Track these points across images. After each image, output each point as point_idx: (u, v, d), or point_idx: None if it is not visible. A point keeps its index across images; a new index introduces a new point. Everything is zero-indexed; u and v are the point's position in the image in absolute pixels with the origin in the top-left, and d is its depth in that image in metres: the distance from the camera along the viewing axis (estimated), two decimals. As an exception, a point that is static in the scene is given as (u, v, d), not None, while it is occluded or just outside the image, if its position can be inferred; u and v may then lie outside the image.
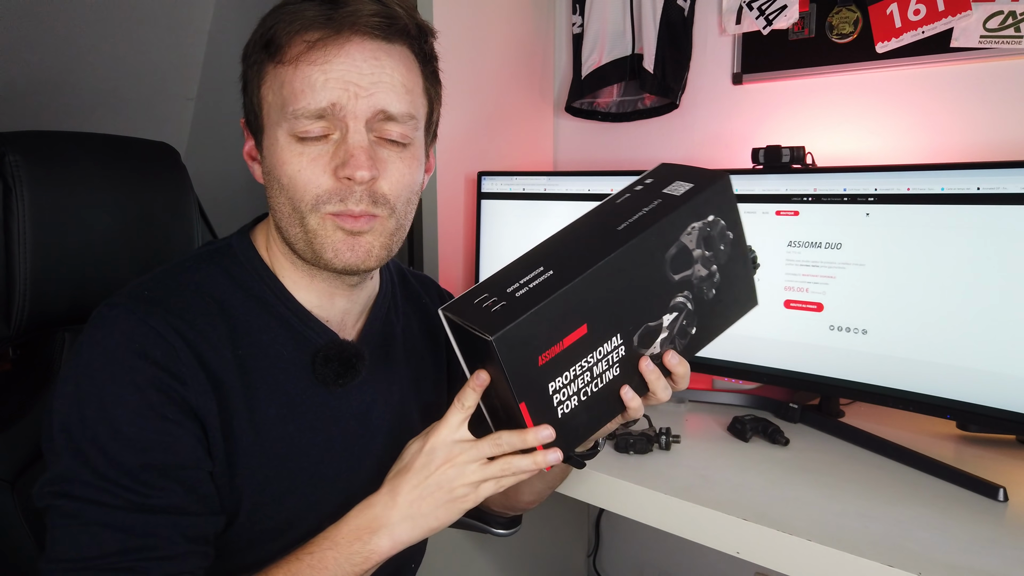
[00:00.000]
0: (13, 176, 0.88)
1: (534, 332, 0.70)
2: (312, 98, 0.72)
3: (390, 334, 0.91)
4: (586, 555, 2.02)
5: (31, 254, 0.89)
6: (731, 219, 0.80)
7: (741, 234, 0.81)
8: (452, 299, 0.74)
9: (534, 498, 1.02)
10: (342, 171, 0.73)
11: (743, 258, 0.82)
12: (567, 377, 0.73)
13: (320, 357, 0.81)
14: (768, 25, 1.56)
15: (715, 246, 0.79)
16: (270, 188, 0.78)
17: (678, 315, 0.78)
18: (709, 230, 0.78)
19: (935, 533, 0.91)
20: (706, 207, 0.77)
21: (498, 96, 1.79)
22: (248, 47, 0.78)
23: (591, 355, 0.74)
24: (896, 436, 1.21)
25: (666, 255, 0.76)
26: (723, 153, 1.67)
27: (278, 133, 0.75)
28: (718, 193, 0.78)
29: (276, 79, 0.75)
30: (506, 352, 0.68)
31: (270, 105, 0.76)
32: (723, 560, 1.08)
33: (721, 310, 0.82)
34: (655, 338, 0.78)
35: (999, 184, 1.08)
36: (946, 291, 1.13)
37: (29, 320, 0.90)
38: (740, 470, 1.11)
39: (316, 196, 0.74)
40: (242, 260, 0.81)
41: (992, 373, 1.08)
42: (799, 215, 1.28)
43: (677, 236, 0.76)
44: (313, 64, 0.72)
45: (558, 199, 1.57)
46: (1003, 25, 1.31)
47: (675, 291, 0.77)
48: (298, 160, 0.74)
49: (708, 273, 0.79)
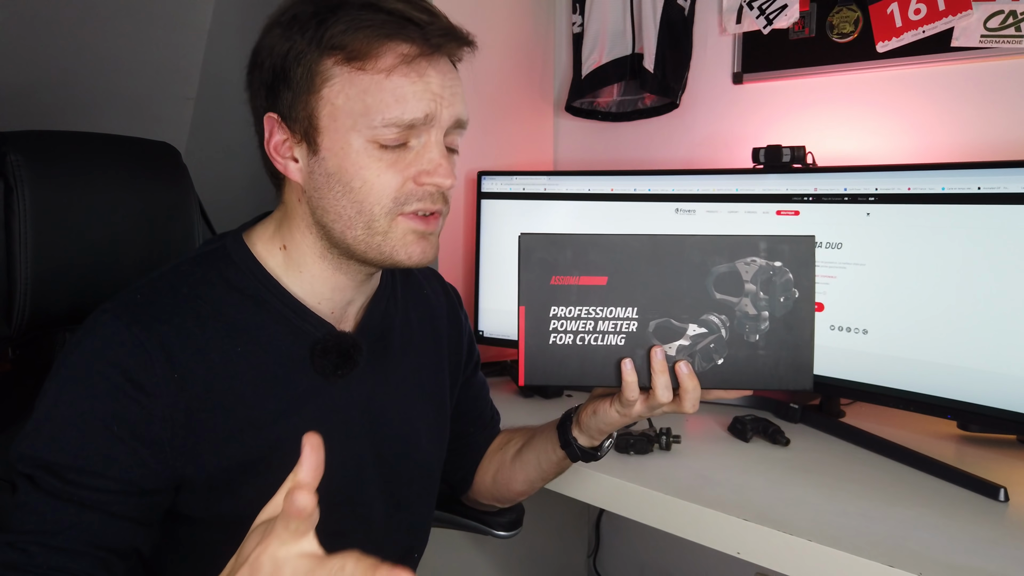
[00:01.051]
0: (15, 175, 0.87)
1: (556, 252, 0.78)
2: (405, 109, 0.74)
3: (389, 325, 0.92)
4: (586, 555, 2.02)
5: (32, 254, 0.89)
6: (801, 280, 0.78)
7: (808, 302, 0.78)
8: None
9: (526, 488, 1.02)
10: (426, 178, 0.76)
11: (802, 327, 0.78)
12: (571, 312, 0.79)
13: (318, 349, 0.81)
14: (768, 24, 1.56)
15: (773, 293, 0.78)
16: (328, 189, 0.77)
17: (706, 333, 0.78)
18: (771, 274, 0.77)
19: (936, 533, 0.91)
20: (778, 252, 0.78)
21: (498, 95, 1.79)
22: (300, 45, 0.75)
23: (601, 309, 0.78)
24: (897, 436, 1.21)
25: (714, 268, 0.77)
26: (723, 153, 1.67)
27: (352, 138, 0.75)
28: (796, 247, 0.78)
29: (354, 85, 0.74)
30: (525, 253, 0.79)
31: (339, 109, 0.75)
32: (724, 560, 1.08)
33: (759, 364, 0.79)
34: (673, 340, 0.78)
35: (1000, 184, 1.08)
36: (947, 291, 1.13)
37: (30, 320, 0.90)
38: (741, 470, 1.11)
39: (394, 199, 0.76)
40: (236, 260, 0.82)
41: (993, 373, 1.08)
42: (800, 215, 1.28)
43: (734, 258, 0.77)
44: (406, 76, 0.74)
45: (558, 199, 1.57)
46: (1004, 25, 1.30)
47: (711, 308, 0.78)
48: (377, 165, 0.75)
49: (756, 315, 0.78)
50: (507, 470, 1.03)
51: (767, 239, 0.78)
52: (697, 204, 1.39)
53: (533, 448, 0.98)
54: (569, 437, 0.91)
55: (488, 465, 1.07)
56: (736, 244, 0.78)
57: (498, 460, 1.05)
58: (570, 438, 0.91)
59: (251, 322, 0.79)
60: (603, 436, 0.91)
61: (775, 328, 0.78)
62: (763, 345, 0.78)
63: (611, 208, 1.50)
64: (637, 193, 1.47)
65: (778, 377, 0.79)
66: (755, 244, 0.78)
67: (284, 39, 0.75)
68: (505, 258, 1.63)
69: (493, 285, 1.64)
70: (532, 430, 1.01)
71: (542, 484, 1.02)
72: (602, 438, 0.91)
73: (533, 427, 1.02)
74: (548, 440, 0.94)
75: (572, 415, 0.92)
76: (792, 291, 0.78)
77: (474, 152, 1.72)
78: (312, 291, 0.83)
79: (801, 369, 0.79)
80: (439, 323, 1.00)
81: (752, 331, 0.78)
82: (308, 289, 0.83)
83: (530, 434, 1.00)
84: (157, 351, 0.73)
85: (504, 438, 1.08)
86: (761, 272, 0.77)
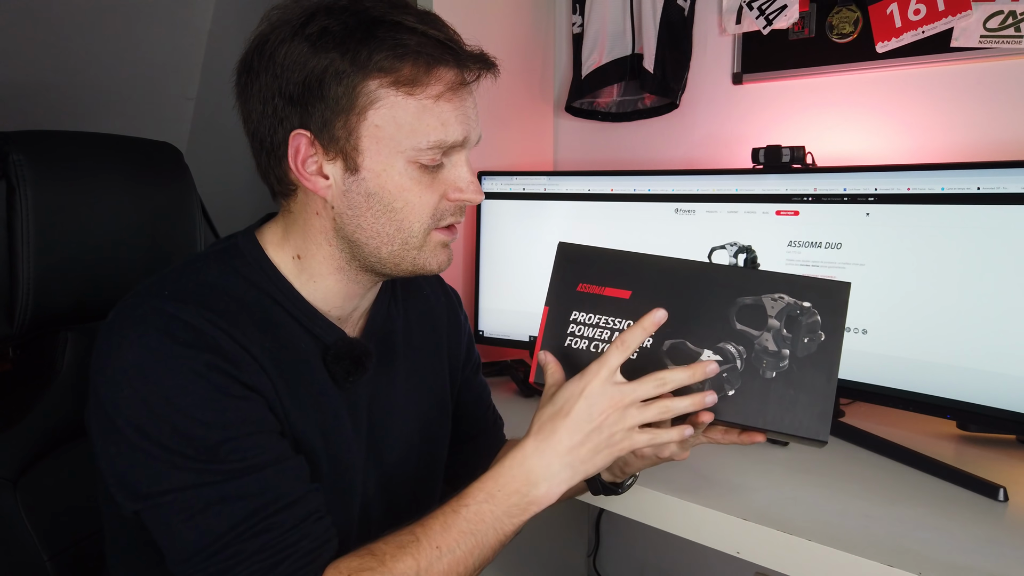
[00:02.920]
0: (17, 175, 0.88)
1: (587, 264, 0.83)
2: (448, 133, 0.77)
3: (391, 328, 0.93)
4: (586, 555, 2.02)
5: (34, 253, 0.89)
6: (830, 324, 0.76)
7: (834, 348, 0.76)
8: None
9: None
10: (459, 195, 0.81)
11: (824, 373, 0.76)
12: (590, 319, 0.81)
13: (331, 355, 0.82)
14: (768, 25, 1.56)
15: (797, 333, 0.76)
16: (366, 208, 0.78)
17: (721, 362, 0.77)
18: (798, 313, 0.77)
19: (935, 533, 0.91)
20: (807, 292, 0.77)
21: (498, 96, 1.79)
22: (338, 63, 0.73)
23: (619, 320, 0.80)
24: (896, 436, 1.21)
25: (738, 298, 0.78)
26: (723, 153, 1.67)
27: (396, 160, 0.76)
28: (827, 291, 0.77)
29: (401, 108, 0.75)
30: (560, 258, 0.84)
31: (384, 130, 0.75)
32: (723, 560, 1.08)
33: (772, 402, 0.77)
34: (684, 362, 0.78)
35: (999, 184, 1.08)
36: (946, 291, 1.13)
37: (32, 319, 0.90)
38: (740, 470, 1.11)
39: (432, 216, 0.80)
40: (250, 260, 0.82)
41: (992, 373, 1.08)
42: (799, 215, 1.28)
43: (760, 292, 0.77)
44: (449, 102, 0.77)
45: (558, 199, 1.57)
46: (1003, 25, 1.31)
47: (729, 337, 0.77)
48: (418, 186, 0.78)
49: (776, 351, 0.77)
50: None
51: (800, 278, 0.77)
52: (697, 204, 1.39)
53: None
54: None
55: None
56: (765, 279, 0.78)
57: None
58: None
59: (272, 319, 0.80)
60: (624, 475, 0.92)
61: (795, 369, 0.76)
62: (779, 384, 0.76)
63: (611, 208, 1.50)
64: (637, 193, 1.47)
65: (792, 421, 0.76)
66: (787, 281, 0.77)
67: (316, 54, 0.73)
68: (505, 258, 1.63)
69: (493, 285, 1.64)
70: None
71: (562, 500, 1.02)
72: (624, 477, 0.92)
73: None
74: None
75: None
76: (818, 334, 0.76)
77: (474, 152, 1.71)
78: (324, 299, 0.84)
79: (818, 417, 0.75)
80: (439, 324, 1.01)
81: (770, 368, 0.76)
82: (320, 297, 0.83)
83: None
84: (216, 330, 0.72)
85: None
86: (788, 309, 0.76)
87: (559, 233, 1.56)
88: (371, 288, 0.87)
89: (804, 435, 0.76)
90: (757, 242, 1.31)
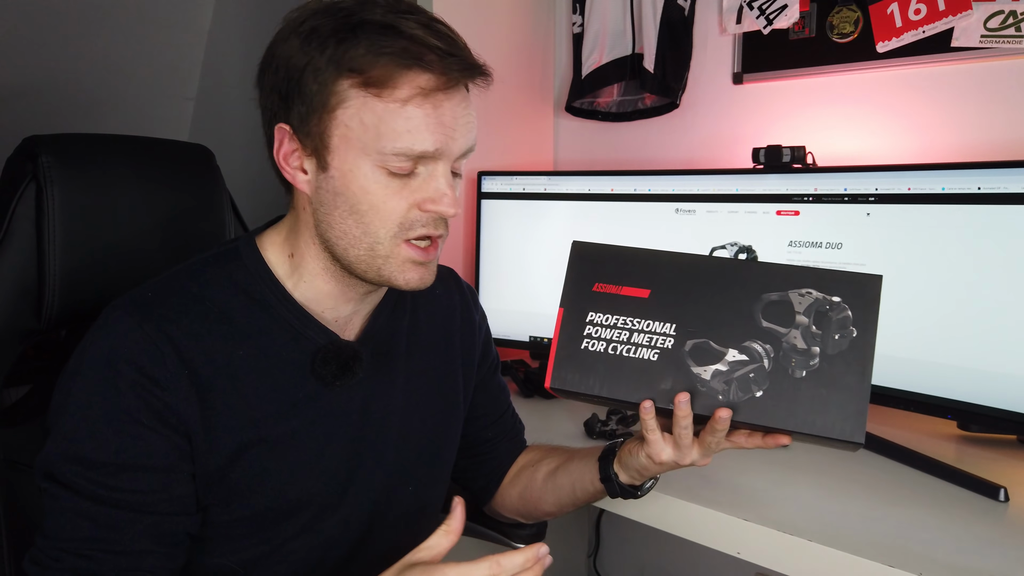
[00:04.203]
0: (45, 176, 0.90)
1: (603, 262, 0.79)
2: (416, 141, 0.74)
3: (394, 331, 0.92)
4: (586, 555, 2.02)
5: (61, 252, 0.91)
6: (862, 319, 0.72)
7: (867, 344, 0.72)
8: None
9: (556, 510, 1.01)
10: (431, 206, 0.76)
11: (858, 371, 0.72)
12: (607, 320, 0.78)
13: (319, 358, 0.82)
14: (768, 25, 1.56)
15: (828, 329, 0.72)
16: (334, 207, 0.77)
17: (747, 361, 0.74)
18: (828, 308, 0.73)
19: (936, 533, 0.91)
20: (836, 286, 0.73)
21: (498, 96, 1.77)
22: (316, 61, 0.74)
23: (638, 321, 0.77)
24: (897, 436, 1.21)
25: (763, 294, 0.74)
26: (723, 153, 1.67)
27: (362, 162, 0.75)
28: (858, 285, 0.73)
29: (369, 110, 0.74)
30: (575, 258, 0.81)
31: (352, 131, 0.74)
32: (723, 561, 1.07)
33: (803, 403, 0.72)
34: (709, 363, 0.75)
35: (1000, 184, 1.08)
36: (947, 291, 1.12)
37: (59, 316, 0.93)
38: (741, 470, 1.10)
39: (399, 225, 0.77)
40: (247, 264, 0.83)
41: (993, 373, 1.08)
42: (800, 215, 1.27)
43: (787, 288, 0.74)
44: (420, 108, 0.73)
45: (558, 199, 1.57)
46: (1004, 25, 1.30)
47: (755, 335, 0.74)
48: (384, 191, 0.76)
49: (805, 349, 0.73)
50: (537, 490, 1.00)
51: (829, 272, 0.74)
52: (697, 204, 1.39)
53: (569, 473, 0.96)
54: (610, 472, 0.90)
55: (516, 480, 1.04)
56: (792, 274, 0.74)
57: (527, 477, 1.02)
58: (611, 472, 0.89)
59: (255, 326, 0.80)
60: (643, 478, 0.89)
61: (826, 367, 0.72)
62: (810, 384, 0.72)
63: (611, 208, 1.50)
64: (637, 193, 1.47)
65: (824, 422, 0.72)
66: (815, 275, 0.74)
67: (302, 52, 0.74)
68: (505, 258, 1.63)
69: (493, 285, 1.64)
70: (568, 453, 1.00)
71: (573, 509, 1.00)
72: (643, 479, 0.90)
73: (569, 449, 1.01)
74: (587, 469, 0.93)
75: (616, 449, 0.90)
76: (849, 330, 0.72)
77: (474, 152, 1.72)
78: (316, 300, 0.84)
79: (851, 417, 0.71)
80: (450, 323, 0.99)
81: (799, 366, 0.73)
82: (312, 297, 0.83)
83: (566, 457, 0.99)
84: (167, 347, 0.74)
85: (535, 455, 1.05)
86: (816, 305, 0.73)
87: (559, 233, 1.56)
88: (369, 293, 0.86)
89: (838, 437, 0.71)
90: (757, 242, 1.31)
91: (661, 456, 0.80)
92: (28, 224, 0.90)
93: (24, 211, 0.90)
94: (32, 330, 0.93)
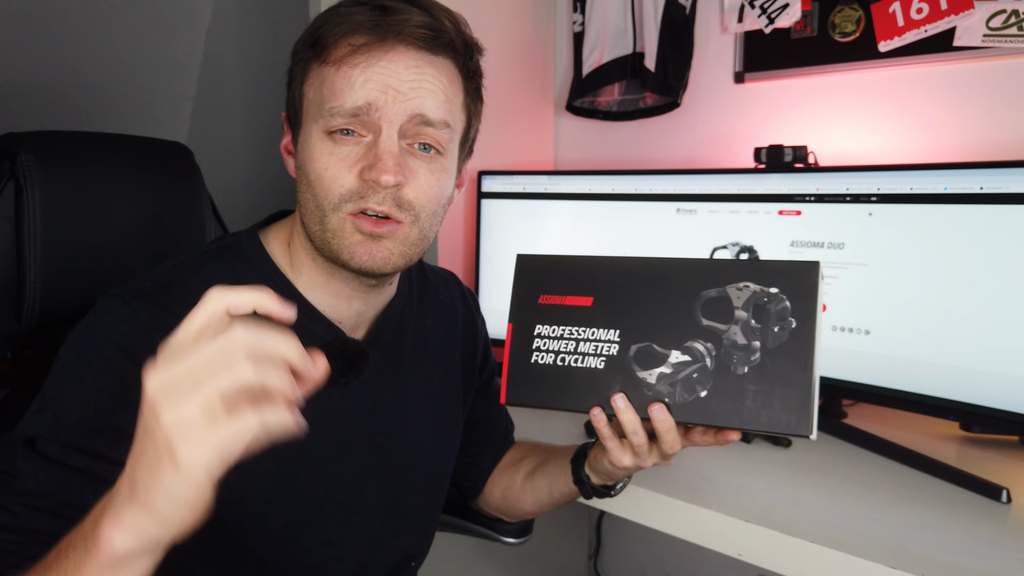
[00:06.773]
0: (25, 175, 0.88)
1: (546, 273, 0.80)
2: (349, 97, 0.73)
3: (402, 332, 0.91)
4: (587, 557, 2.01)
5: (41, 253, 0.89)
6: (801, 309, 0.70)
7: (807, 335, 0.70)
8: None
9: (535, 509, 1.02)
10: (368, 173, 0.73)
11: (800, 363, 0.70)
12: (554, 331, 0.78)
13: (324, 354, 0.81)
14: (770, 24, 1.55)
15: (767, 322, 0.71)
16: (299, 183, 0.79)
17: (690, 361, 0.73)
18: (766, 301, 0.71)
19: (938, 535, 0.90)
20: (773, 278, 0.72)
21: (499, 95, 1.78)
22: (297, 45, 0.78)
23: (583, 330, 0.77)
24: (899, 437, 1.20)
25: (702, 292, 0.73)
26: (725, 153, 1.67)
27: (312, 129, 0.76)
28: (795, 274, 0.71)
29: (318, 77, 0.76)
30: (519, 271, 0.82)
31: (309, 101, 0.77)
32: (725, 562, 1.07)
33: (747, 400, 0.71)
34: (654, 366, 0.74)
35: (1002, 184, 1.08)
36: (949, 291, 1.12)
37: (40, 318, 0.91)
38: (742, 472, 1.10)
39: (340, 195, 0.74)
40: (250, 258, 0.82)
41: (995, 374, 1.07)
42: (801, 215, 1.27)
43: (724, 283, 0.73)
44: (355, 66, 0.73)
45: (559, 199, 1.56)
46: (1006, 24, 1.30)
47: (696, 335, 0.73)
48: (327, 158, 0.74)
49: (746, 344, 0.71)
50: (517, 490, 1.02)
51: (764, 263, 0.73)
52: (698, 204, 1.38)
53: (545, 475, 0.97)
54: (582, 474, 0.90)
55: (499, 479, 1.05)
56: (729, 268, 0.74)
57: (508, 477, 1.04)
58: (583, 475, 0.90)
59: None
60: (614, 480, 0.90)
61: (767, 361, 0.71)
62: (752, 379, 0.71)
63: (612, 208, 1.50)
64: (638, 193, 1.46)
65: (769, 417, 0.70)
66: (750, 268, 0.73)
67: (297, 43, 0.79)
68: (505, 258, 1.63)
69: (493, 285, 1.64)
70: (545, 452, 1.00)
71: (552, 507, 1.01)
72: (613, 481, 0.90)
73: (547, 447, 1.02)
74: (561, 471, 0.93)
75: (587, 450, 0.91)
76: (788, 321, 0.71)
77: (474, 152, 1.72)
78: (310, 289, 0.83)
79: (797, 410, 0.70)
80: (454, 329, 0.99)
81: (741, 362, 0.71)
82: (306, 286, 0.82)
83: (543, 457, 0.99)
84: (162, 337, 0.72)
85: (517, 454, 1.07)
86: (754, 298, 0.71)
87: (560, 233, 1.56)
88: (370, 290, 0.85)
89: (784, 431, 0.70)
90: (759, 242, 1.30)
91: (623, 462, 0.80)
92: (7, 224, 0.87)
93: (3, 211, 0.87)
94: (12, 334, 0.90)
